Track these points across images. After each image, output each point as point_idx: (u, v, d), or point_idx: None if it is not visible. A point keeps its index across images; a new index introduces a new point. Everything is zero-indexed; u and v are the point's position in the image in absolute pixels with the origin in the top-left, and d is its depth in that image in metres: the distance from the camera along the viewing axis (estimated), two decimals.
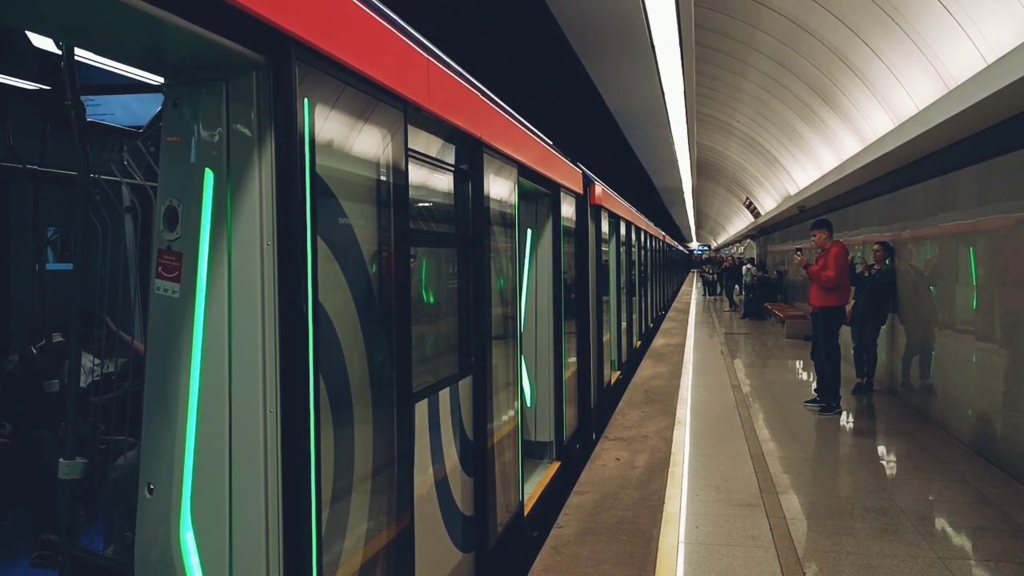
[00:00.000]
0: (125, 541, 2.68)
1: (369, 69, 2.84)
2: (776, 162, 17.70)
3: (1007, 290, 6.65)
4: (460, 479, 4.24)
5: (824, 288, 9.02)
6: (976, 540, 5.18)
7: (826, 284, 8.96)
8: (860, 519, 5.51)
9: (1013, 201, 6.51)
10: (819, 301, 9.18)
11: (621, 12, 8.37)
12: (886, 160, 9.09)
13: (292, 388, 2.38)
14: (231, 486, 2.36)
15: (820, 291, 9.11)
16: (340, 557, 2.73)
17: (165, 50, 2.31)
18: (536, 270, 6.87)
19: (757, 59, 12.14)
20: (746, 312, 23.07)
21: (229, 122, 2.38)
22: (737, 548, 5.02)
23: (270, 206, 2.38)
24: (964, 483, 6.35)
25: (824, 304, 9.11)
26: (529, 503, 5.75)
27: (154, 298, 2.46)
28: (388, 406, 3.16)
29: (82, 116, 2.78)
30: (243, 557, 2.35)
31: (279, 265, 2.38)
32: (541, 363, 6.87)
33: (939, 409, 8.42)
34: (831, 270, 8.86)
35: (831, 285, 8.92)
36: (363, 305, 2.97)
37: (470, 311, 4.44)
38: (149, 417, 2.45)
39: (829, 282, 8.90)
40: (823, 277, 8.95)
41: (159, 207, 2.47)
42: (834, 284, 8.91)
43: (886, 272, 10.11)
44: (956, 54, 7.03)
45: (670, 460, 7.08)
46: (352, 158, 2.91)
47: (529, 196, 6.69)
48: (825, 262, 8.97)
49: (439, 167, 4.19)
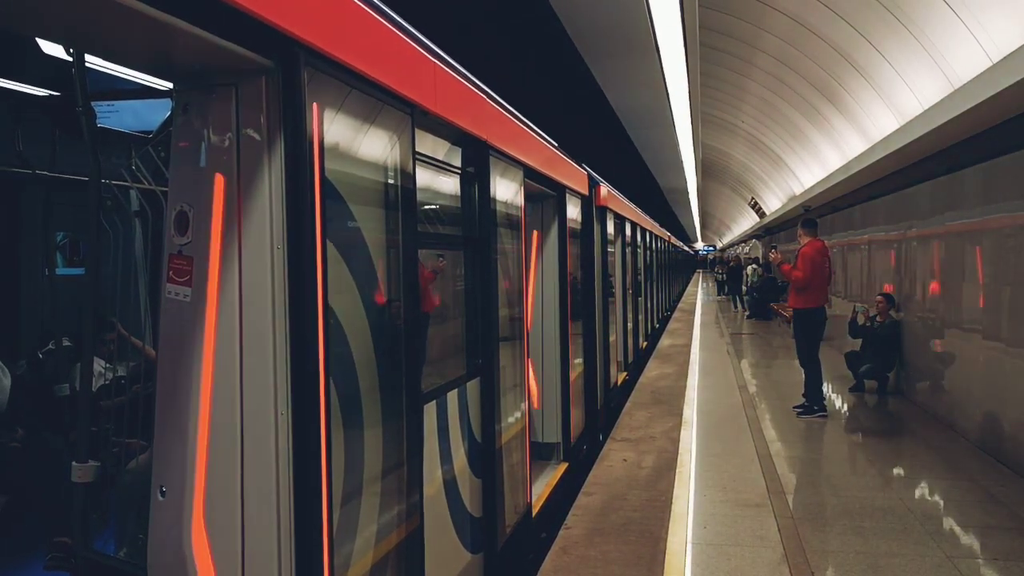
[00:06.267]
0: (137, 543, 2.70)
1: (377, 73, 2.86)
2: (781, 162, 17.68)
3: (1014, 288, 6.64)
4: (469, 480, 4.25)
5: (795, 289, 8.89)
6: (984, 539, 5.17)
7: (795, 284, 8.82)
8: (868, 518, 5.51)
9: (1020, 200, 6.50)
10: (793, 302, 9.08)
11: (625, 14, 8.37)
12: (892, 159, 9.08)
13: (303, 390, 2.40)
14: (243, 488, 2.37)
15: (794, 292, 8.98)
16: (351, 558, 2.74)
17: (175, 56, 2.33)
18: (542, 271, 6.88)
19: (761, 59, 12.14)
20: (752, 312, 23.03)
21: (239, 127, 2.39)
22: (745, 548, 5.02)
23: (280, 210, 2.39)
24: (972, 482, 6.34)
25: (796, 306, 8.99)
26: (537, 504, 5.76)
27: (165, 302, 2.47)
28: (397, 408, 3.18)
29: (92, 122, 2.80)
30: (255, 559, 2.37)
31: (289, 268, 2.40)
32: (548, 364, 6.87)
33: (946, 408, 8.40)
34: (798, 270, 8.68)
35: (800, 286, 8.74)
36: (372, 308, 2.99)
37: (477, 313, 4.45)
38: (161, 420, 2.47)
39: (797, 283, 8.74)
40: (792, 277, 8.81)
41: (169, 212, 2.49)
42: (803, 285, 8.71)
43: (888, 325, 9.93)
44: (961, 53, 7.03)
45: (677, 460, 7.08)
46: (361, 161, 2.93)
47: (535, 198, 6.70)
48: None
49: (446, 170, 4.20)
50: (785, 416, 8.99)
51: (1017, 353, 6.58)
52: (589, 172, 8.59)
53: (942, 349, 8.54)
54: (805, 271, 8.64)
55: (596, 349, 8.63)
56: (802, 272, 8.66)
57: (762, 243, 32.08)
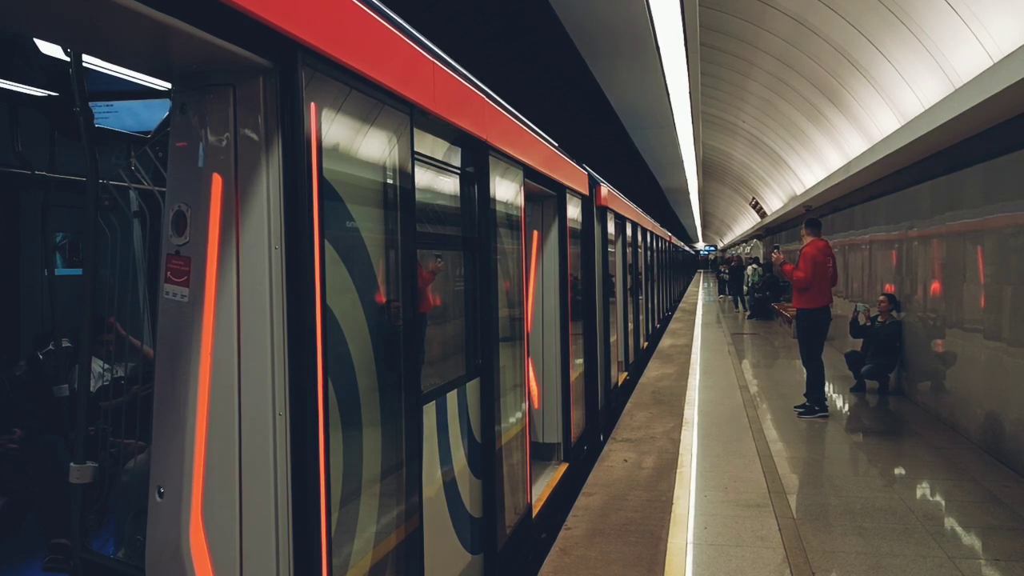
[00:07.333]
0: (136, 544, 2.69)
1: (375, 73, 2.85)
2: (782, 162, 17.67)
3: (1015, 288, 6.62)
4: (468, 481, 4.25)
5: (797, 289, 8.90)
6: (986, 539, 5.16)
7: (796, 285, 8.82)
8: (869, 519, 5.50)
9: (1021, 199, 6.49)
10: (796, 303, 9.09)
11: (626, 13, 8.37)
12: (893, 159, 9.07)
13: (301, 391, 2.39)
14: (241, 489, 2.37)
15: (796, 293, 8.99)
16: (350, 559, 2.74)
17: (172, 56, 2.32)
18: (543, 272, 6.87)
19: (762, 59, 12.13)
20: (753, 312, 23.02)
21: (236, 127, 2.39)
22: (746, 549, 5.02)
23: (278, 210, 2.39)
24: (973, 482, 6.33)
25: (800, 306, 8.99)
26: (537, 505, 5.75)
27: (163, 303, 2.47)
28: (396, 408, 3.17)
29: (91, 122, 2.79)
30: (253, 560, 2.36)
31: (287, 269, 2.39)
32: (548, 365, 6.86)
33: (948, 408, 8.39)
34: (800, 270, 8.69)
35: (801, 286, 8.74)
36: (371, 308, 2.98)
37: (477, 313, 4.45)
38: (159, 421, 2.46)
39: (799, 283, 8.74)
40: (793, 278, 8.81)
41: (167, 212, 2.48)
42: (804, 285, 8.70)
43: (889, 325, 9.92)
44: (962, 53, 7.02)
45: (678, 461, 7.07)
46: (359, 161, 2.92)
47: (535, 198, 6.70)
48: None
49: (445, 170, 4.20)
50: (786, 416, 8.98)
51: (1018, 353, 6.57)
52: (589, 172, 8.58)
53: (943, 349, 8.52)
54: (806, 271, 8.63)
55: (597, 349, 8.62)
56: (803, 272, 8.64)
57: (763, 243, 32.08)
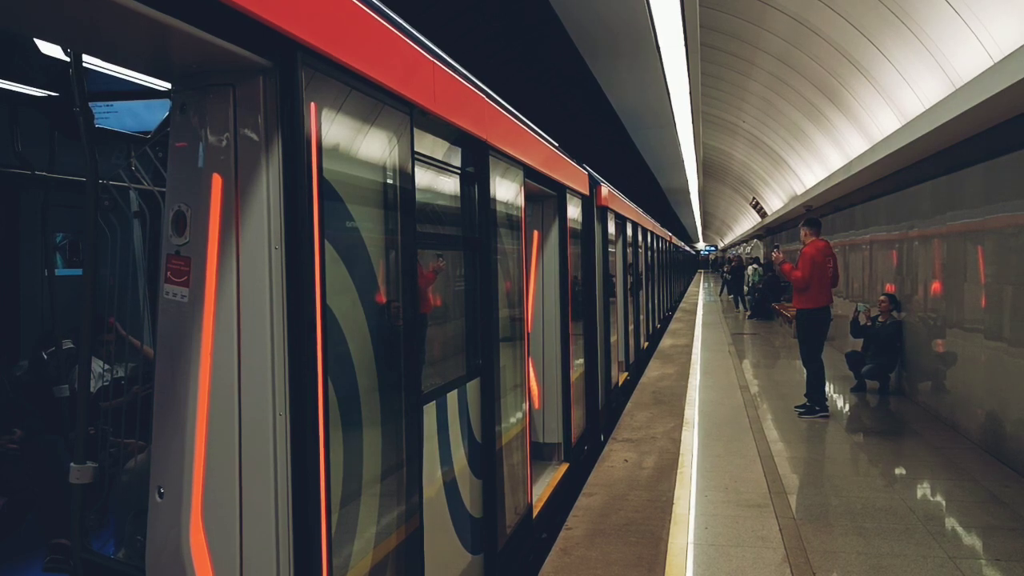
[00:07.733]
0: (136, 545, 2.69)
1: (375, 73, 2.85)
2: (782, 162, 17.67)
3: (1016, 288, 6.62)
4: (469, 481, 4.24)
5: (796, 289, 8.90)
6: (987, 539, 5.15)
7: (795, 285, 8.83)
8: (870, 519, 5.50)
9: (1022, 199, 6.48)
10: (796, 303, 9.10)
11: (626, 13, 8.38)
12: (893, 159, 9.06)
13: (301, 391, 2.39)
14: (241, 489, 2.37)
15: (796, 293, 8.99)
16: (350, 559, 2.74)
17: (172, 56, 2.32)
18: (543, 272, 6.87)
19: (763, 59, 12.13)
20: (753, 312, 23.02)
21: (236, 127, 2.39)
22: (747, 549, 5.01)
23: (278, 210, 2.39)
24: (974, 482, 6.33)
25: (800, 306, 9.00)
26: (538, 505, 5.75)
27: (163, 303, 2.47)
28: (397, 408, 3.17)
29: (91, 122, 2.79)
30: (254, 560, 2.36)
31: (287, 269, 2.39)
32: (549, 365, 6.86)
33: (948, 408, 8.38)
34: (799, 270, 8.69)
35: (800, 286, 8.74)
36: (371, 308, 2.98)
37: (478, 313, 4.45)
38: (159, 421, 2.46)
39: (798, 283, 8.75)
40: (792, 278, 8.81)
41: (167, 212, 2.48)
42: (803, 285, 8.69)
43: (890, 325, 9.91)
44: (963, 52, 7.02)
45: (678, 461, 7.07)
46: (359, 162, 2.92)
47: (536, 198, 6.69)
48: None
49: (446, 170, 4.20)
50: (787, 416, 8.98)
51: (1019, 353, 6.57)
52: (590, 172, 8.58)
53: (944, 349, 8.52)
54: (805, 271, 8.62)
55: (597, 349, 8.62)
56: (802, 272, 8.64)
57: (764, 243, 32.07)
